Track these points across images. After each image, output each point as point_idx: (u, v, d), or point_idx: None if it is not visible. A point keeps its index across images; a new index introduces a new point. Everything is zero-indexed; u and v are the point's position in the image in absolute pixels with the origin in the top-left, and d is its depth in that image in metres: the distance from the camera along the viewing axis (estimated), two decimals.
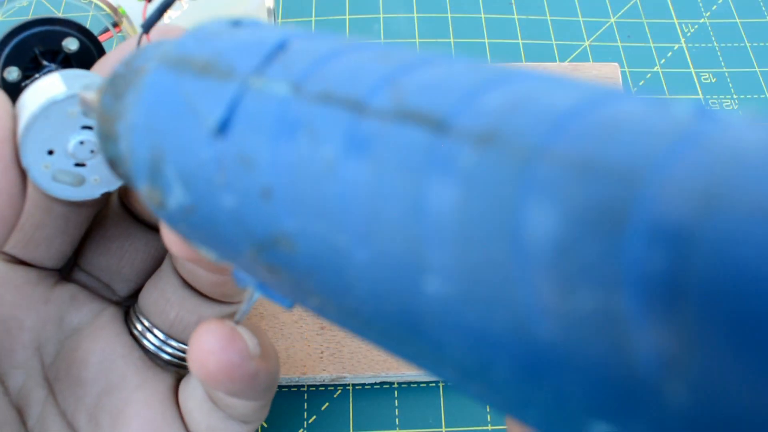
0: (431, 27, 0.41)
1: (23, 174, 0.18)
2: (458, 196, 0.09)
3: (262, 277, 0.13)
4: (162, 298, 0.24)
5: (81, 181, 0.19)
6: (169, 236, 0.17)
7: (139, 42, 0.19)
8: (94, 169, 0.19)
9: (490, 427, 0.29)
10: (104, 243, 0.23)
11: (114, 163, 0.16)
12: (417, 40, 0.41)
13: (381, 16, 0.42)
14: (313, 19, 0.42)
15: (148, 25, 0.19)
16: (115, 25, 0.22)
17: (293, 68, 0.12)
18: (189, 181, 0.13)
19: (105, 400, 0.23)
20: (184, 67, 0.13)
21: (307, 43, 0.13)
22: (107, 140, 0.15)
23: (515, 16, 0.42)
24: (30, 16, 0.21)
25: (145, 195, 0.14)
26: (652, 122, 0.08)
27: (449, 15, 0.42)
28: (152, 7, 0.20)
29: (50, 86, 0.18)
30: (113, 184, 0.20)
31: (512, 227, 0.08)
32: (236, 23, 0.14)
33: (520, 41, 0.41)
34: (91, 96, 0.17)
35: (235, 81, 0.12)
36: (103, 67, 0.20)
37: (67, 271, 0.24)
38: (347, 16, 0.42)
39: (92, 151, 0.19)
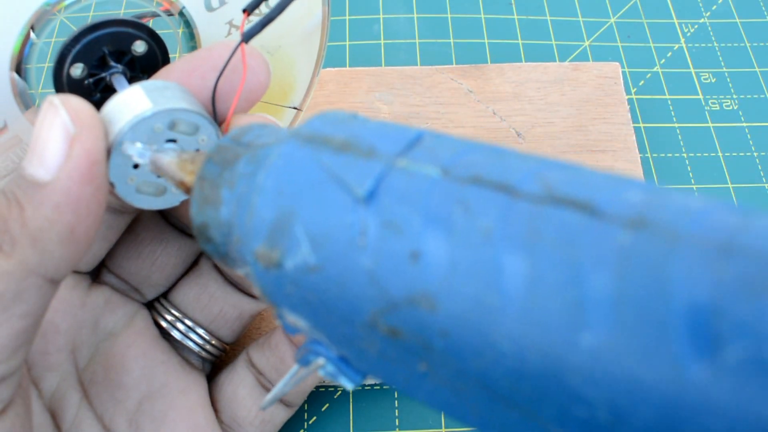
0: (431, 27, 0.41)
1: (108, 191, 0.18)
2: (616, 266, 0.11)
3: (359, 346, 0.14)
4: (205, 293, 0.24)
5: (163, 191, 0.20)
6: None
7: (234, 52, 0.19)
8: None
9: None
10: (135, 247, 0.24)
11: (206, 227, 0.17)
12: (417, 40, 0.41)
13: (381, 16, 0.42)
14: None
15: (249, 36, 0.19)
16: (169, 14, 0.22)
17: (438, 155, 0.14)
18: (321, 242, 0.14)
19: (147, 405, 0.23)
20: (320, 143, 0.15)
21: (440, 138, 0.14)
22: (206, 205, 0.16)
23: (515, 16, 0.42)
24: (94, 15, 0.21)
25: (256, 256, 0.15)
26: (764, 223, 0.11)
27: (449, 15, 0.42)
28: (254, 20, 0.20)
29: (135, 102, 0.18)
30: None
31: (666, 293, 0.10)
32: (355, 116, 0.16)
33: (520, 41, 0.41)
34: (168, 160, 0.18)
35: (380, 160, 0.14)
36: (169, 73, 0.20)
37: (96, 273, 0.24)
38: (347, 17, 0.42)
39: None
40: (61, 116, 0.17)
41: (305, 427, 0.29)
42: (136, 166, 0.19)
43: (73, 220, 0.17)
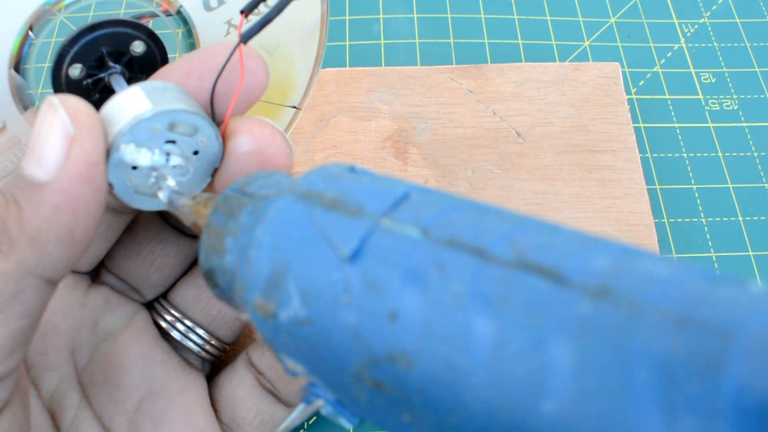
0: (431, 27, 0.41)
1: (106, 191, 0.18)
2: (577, 338, 0.11)
3: (350, 393, 0.15)
4: (204, 294, 0.24)
5: (161, 192, 0.19)
6: None
7: (232, 53, 0.19)
8: (174, 179, 0.19)
9: None
10: (135, 247, 0.24)
11: (212, 273, 0.17)
12: (417, 40, 0.41)
13: (381, 16, 0.42)
14: None
15: (247, 38, 0.19)
16: (168, 14, 0.22)
17: (420, 216, 0.14)
18: (310, 297, 0.15)
19: (146, 406, 0.23)
20: (313, 200, 0.15)
21: (426, 195, 0.15)
22: (212, 252, 0.17)
23: (515, 16, 0.42)
24: (94, 15, 0.21)
25: (254, 306, 0.16)
26: (735, 294, 0.11)
27: (449, 15, 0.42)
28: (251, 22, 0.20)
29: (135, 102, 0.18)
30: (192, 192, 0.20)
31: (624, 364, 0.10)
32: (352, 169, 0.17)
33: (520, 41, 0.41)
34: (182, 202, 0.18)
35: (366, 219, 0.14)
36: (168, 74, 0.20)
37: (95, 273, 0.24)
38: (347, 17, 0.42)
39: (174, 165, 0.19)
40: (61, 117, 0.17)
41: (305, 427, 0.29)
42: (134, 167, 0.19)
43: (71, 220, 0.17)
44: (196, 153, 0.19)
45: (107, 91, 0.21)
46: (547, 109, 0.37)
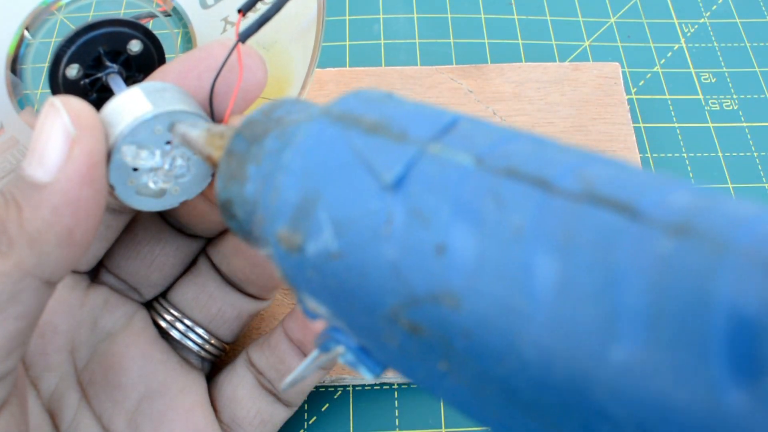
0: (431, 27, 0.41)
1: (107, 193, 0.18)
2: (655, 277, 0.10)
3: (379, 338, 0.14)
4: (204, 293, 0.24)
5: (162, 193, 0.20)
6: None
7: (230, 52, 0.19)
8: (175, 180, 0.19)
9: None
10: (134, 247, 0.24)
11: (230, 203, 0.16)
12: (417, 40, 0.41)
13: (381, 16, 0.42)
14: None
15: (245, 37, 0.19)
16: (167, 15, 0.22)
17: (473, 142, 0.13)
18: (345, 227, 0.13)
19: (145, 405, 0.23)
20: (351, 123, 0.14)
21: (477, 124, 0.14)
22: (232, 180, 0.16)
23: (515, 16, 0.42)
24: (93, 14, 0.21)
25: (278, 238, 0.14)
26: None
27: (449, 15, 0.42)
28: (247, 21, 0.20)
29: (135, 104, 0.18)
30: (191, 193, 0.20)
31: (707, 311, 0.09)
32: (390, 96, 0.15)
33: (520, 41, 0.41)
34: (197, 134, 0.17)
35: (412, 144, 0.13)
36: (166, 74, 0.20)
37: (94, 273, 0.24)
38: (347, 17, 0.42)
39: (174, 165, 0.19)
40: (62, 118, 0.17)
41: (305, 427, 0.29)
42: (135, 169, 0.19)
43: (71, 222, 0.17)
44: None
45: (105, 91, 0.21)
46: (547, 109, 0.37)
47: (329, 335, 0.15)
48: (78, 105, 0.17)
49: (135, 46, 0.21)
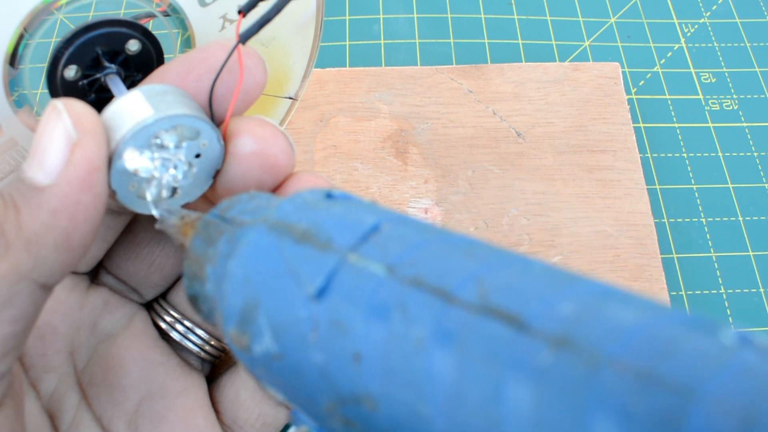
0: (431, 27, 0.41)
1: (107, 198, 0.18)
2: (534, 388, 0.11)
3: (328, 425, 0.15)
4: None
5: (164, 196, 0.19)
6: None
7: (230, 53, 0.19)
8: (176, 183, 0.19)
9: None
10: (134, 248, 0.24)
11: (196, 299, 0.17)
12: (417, 40, 0.41)
13: (381, 16, 0.42)
14: None
15: (246, 38, 0.19)
16: (166, 15, 0.21)
17: (387, 251, 0.14)
18: (281, 333, 0.14)
19: (145, 407, 0.23)
20: (284, 232, 0.15)
21: (397, 227, 0.15)
22: (194, 280, 0.17)
23: (515, 16, 0.42)
24: (93, 14, 0.21)
25: (230, 337, 0.15)
26: (703, 345, 0.10)
27: (449, 15, 0.42)
28: (248, 21, 0.20)
29: (136, 108, 0.18)
30: (193, 195, 0.20)
31: (583, 419, 0.10)
32: (329, 195, 0.16)
33: (520, 41, 0.41)
34: (171, 223, 0.18)
35: (334, 254, 0.14)
36: (165, 76, 0.20)
37: (93, 274, 0.24)
38: (347, 17, 0.42)
39: (176, 168, 0.19)
40: (64, 121, 0.17)
41: None
42: (137, 173, 0.18)
43: (69, 226, 0.17)
44: (198, 156, 0.19)
45: (103, 92, 0.21)
46: (547, 109, 0.37)
47: (294, 416, 0.16)
48: (80, 108, 0.17)
49: (133, 45, 0.21)
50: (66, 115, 0.17)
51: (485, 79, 0.38)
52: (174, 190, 0.20)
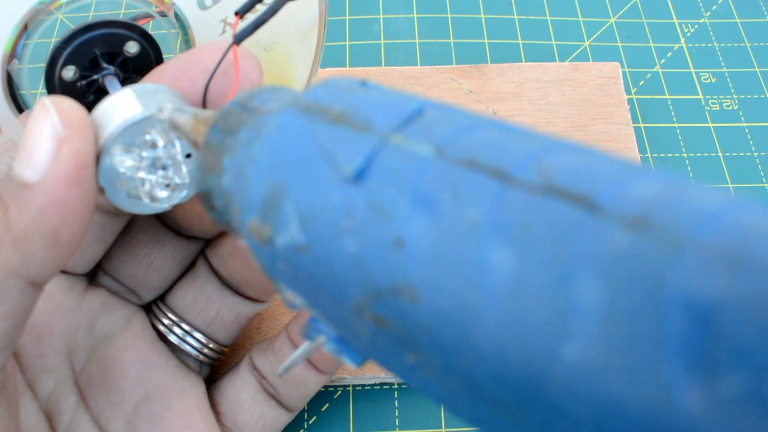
0: (431, 27, 0.41)
1: (96, 195, 0.18)
2: (609, 272, 0.10)
3: (352, 329, 0.14)
4: (202, 296, 0.24)
5: (154, 196, 0.19)
6: None
7: (224, 54, 0.19)
8: (166, 182, 0.19)
9: None
10: (131, 249, 0.23)
11: (209, 195, 0.16)
12: (417, 40, 0.41)
13: (381, 16, 0.42)
14: None
15: (241, 39, 0.19)
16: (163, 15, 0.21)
17: (435, 132, 0.13)
18: (309, 221, 0.13)
19: (143, 408, 0.23)
20: (316, 113, 0.14)
21: (443, 111, 0.13)
22: (209, 172, 0.16)
23: (515, 16, 0.42)
24: (93, 15, 0.21)
25: (249, 230, 0.14)
26: None
27: (449, 15, 0.42)
28: (244, 22, 0.20)
29: (126, 105, 0.18)
30: (184, 196, 0.20)
31: (661, 308, 0.09)
32: (363, 83, 0.15)
33: (520, 41, 0.41)
34: (184, 119, 0.17)
35: (374, 135, 0.13)
36: (160, 76, 0.20)
37: (92, 275, 0.24)
38: (347, 17, 0.42)
39: (165, 167, 0.19)
40: (52, 117, 0.17)
41: (305, 427, 0.29)
42: (125, 171, 0.18)
43: (57, 223, 0.16)
44: (188, 156, 0.19)
45: (102, 93, 0.21)
46: (547, 109, 0.37)
47: (310, 325, 0.15)
48: (68, 105, 0.17)
49: (132, 47, 0.21)
50: (54, 112, 0.17)
51: (485, 79, 0.38)
52: (166, 189, 0.19)
